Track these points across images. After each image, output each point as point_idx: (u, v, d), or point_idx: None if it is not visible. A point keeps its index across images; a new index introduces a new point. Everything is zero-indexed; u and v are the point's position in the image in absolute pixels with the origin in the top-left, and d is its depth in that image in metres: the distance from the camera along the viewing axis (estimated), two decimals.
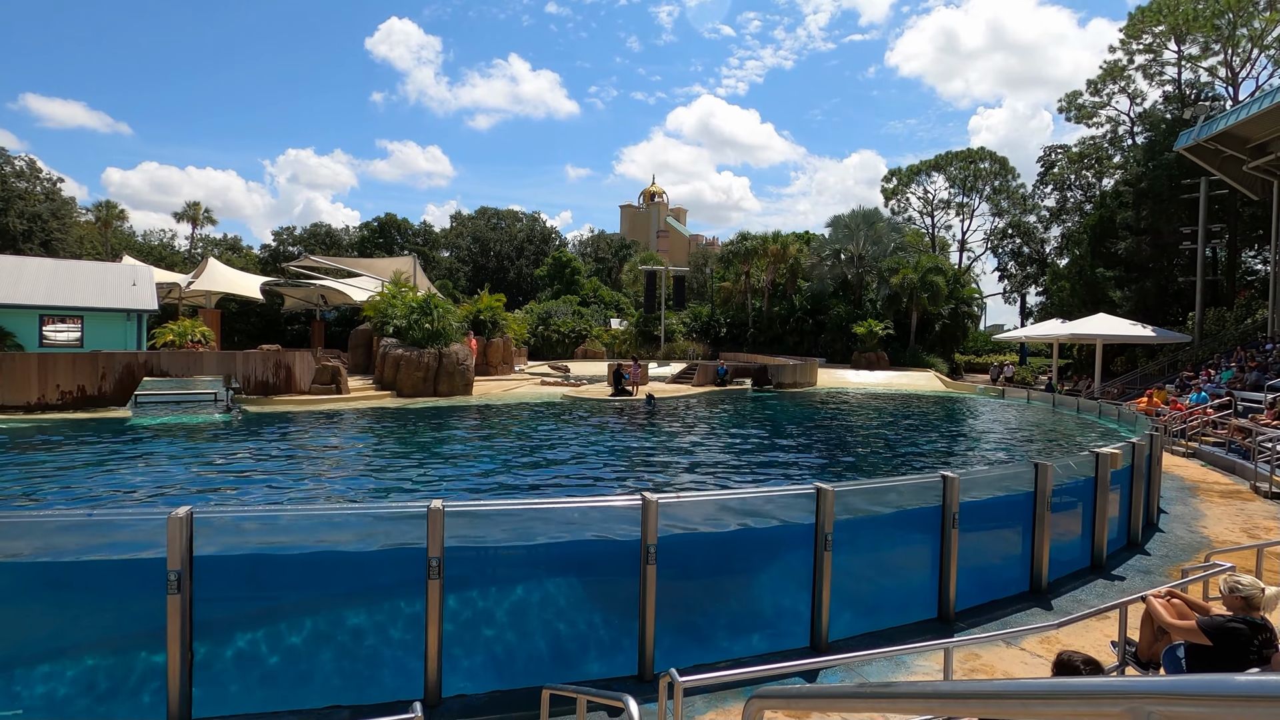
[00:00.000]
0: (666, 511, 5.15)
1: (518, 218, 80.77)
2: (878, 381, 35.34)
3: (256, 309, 50.03)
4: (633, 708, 2.90)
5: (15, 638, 4.34)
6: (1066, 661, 3.30)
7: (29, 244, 48.40)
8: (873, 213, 49.69)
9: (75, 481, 11.03)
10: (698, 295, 66.44)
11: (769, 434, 18.26)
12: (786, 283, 50.24)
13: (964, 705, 2.01)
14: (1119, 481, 8.50)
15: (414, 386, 24.35)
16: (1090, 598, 6.99)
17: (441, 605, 4.61)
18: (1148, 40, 38.47)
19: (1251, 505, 11.35)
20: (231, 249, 66.73)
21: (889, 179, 62.83)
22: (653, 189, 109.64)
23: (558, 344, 48.49)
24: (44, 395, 18.56)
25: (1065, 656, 3.33)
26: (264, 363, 22.07)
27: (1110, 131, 45.53)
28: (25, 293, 25.63)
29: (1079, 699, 1.32)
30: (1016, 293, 60.06)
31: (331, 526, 5.01)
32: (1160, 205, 33.15)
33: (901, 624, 6.13)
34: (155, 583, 4.22)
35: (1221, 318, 29.15)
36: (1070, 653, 3.37)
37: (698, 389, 30.17)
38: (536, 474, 12.49)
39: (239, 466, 12.75)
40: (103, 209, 61.53)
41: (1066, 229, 50.53)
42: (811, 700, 3.24)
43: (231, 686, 4.48)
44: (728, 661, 5.30)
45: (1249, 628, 3.80)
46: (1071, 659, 3.30)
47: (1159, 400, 21.35)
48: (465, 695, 4.75)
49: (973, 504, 6.58)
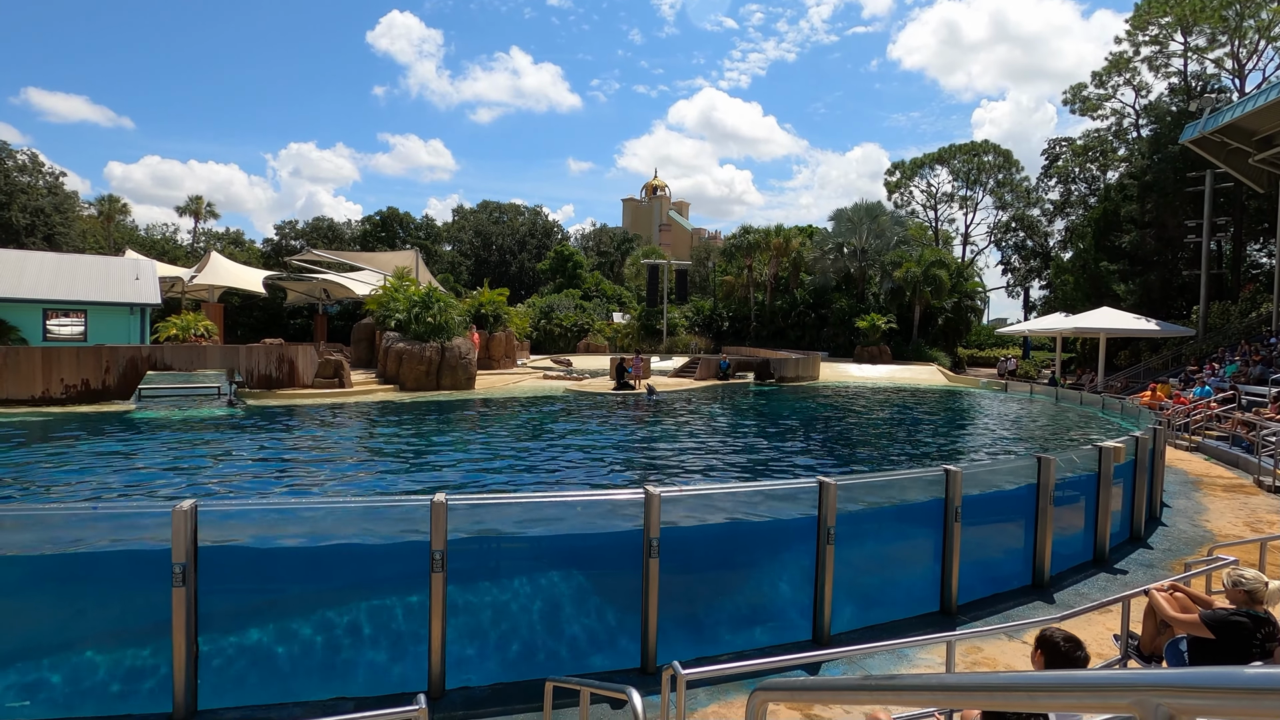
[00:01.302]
0: (669, 505, 5.15)
1: (520, 211, 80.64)
2: (880, 375, 35.30)
3: (259, 303, 50.11)
4: (635, 700, 2.90)
5: (22, 631, 4.37)
6: (1048, 638, 3.31)
7: (32, 238, 48.44)
8: (876, 206, 49.50)
9: (79, 475, 11.07)
10: (700, 289, 66.37)
11: (771, 428, 18.26)
12: (789, 277, 50.12)
13: (967, 697, 2.01)
14: (1122, 475, 8.49)
15: (417, 380, 24.37)
16: (1093, 591, 6.99)
17: (445, 598, 4.62)
18: (1154, 32, 38.18)
19: (1255, 499, 11.33)
20: (234, 243, 66.71)
21: (892, 172, 62.60)
22: (655, 183, 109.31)
23: (560, 338, 48.48)
24: (48, 389, 18.61)
25: (1047, 633, 3.35)
26: (267, 356, 22.10)
27: (1115, 124, 45.25)
28: (29, 287, 25.68)
29: (1086, 691, 1.31)
30: (1020, 286, 59.89)
31: (335, 519, 5.03)
32: (1165, 198, 32.96)
33: (904, 617, 6.14)
34: (160, 575, 4.23)
35: (1226, 311, 29.02)
36: (1051, 629, 3.39)
37: (700, 383, 30.17)
38: (539, 467, 12.50)
39: (242, 460, 12.78)
40: (105, 203, 61.51)
41: (1070, 222, 50.31)
42: (814, 693, 3.24)
43: (236, 678, 4.50)
44: (730, 654, 5.31)
45: (1252, 621, 3.80)
46: (1053, 635, 3.31)
47: (1163, 394, 21.30)
48: (469, 687, 4.77)
49: (975, 497, 6.58)
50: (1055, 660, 3.26)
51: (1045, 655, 3.30)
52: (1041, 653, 3.32)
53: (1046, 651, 3.30)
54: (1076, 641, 3.27)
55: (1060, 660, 3.25)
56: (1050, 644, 3.28)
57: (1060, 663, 3.25)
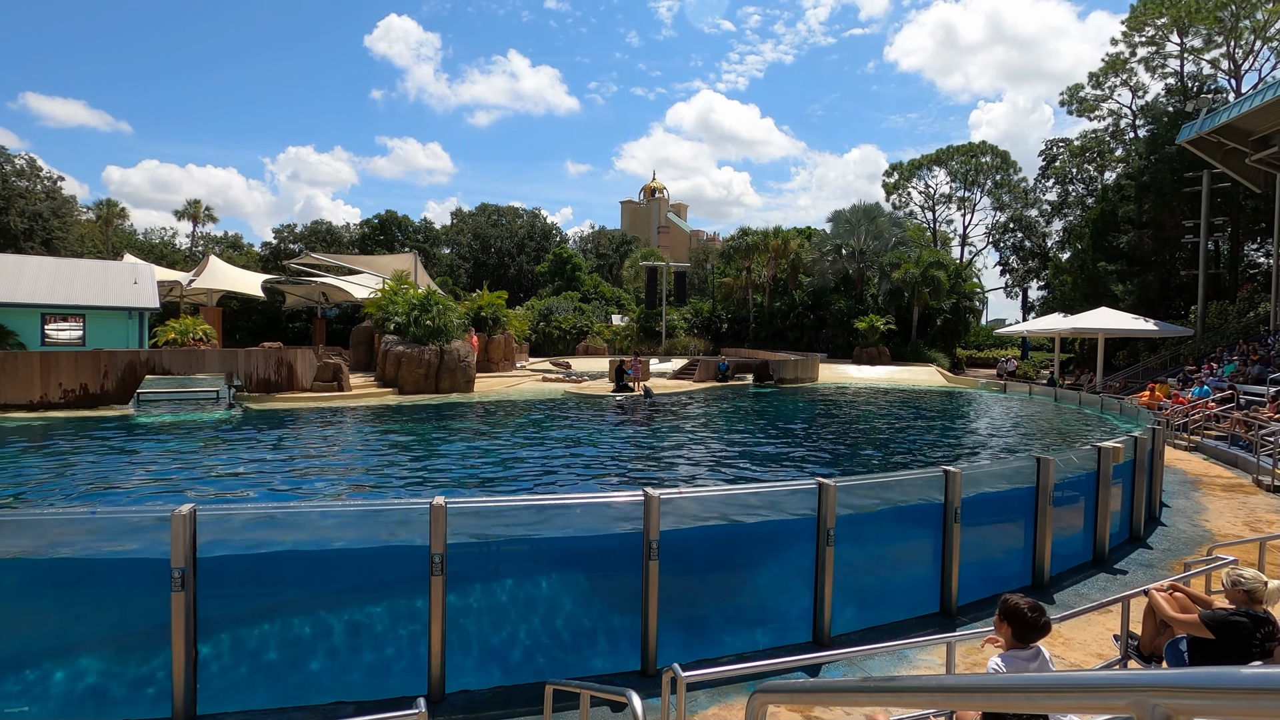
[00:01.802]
0: (668, 507, 5.15)
1: (518, 214, 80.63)
2: (879, 377, 35.31)
3: (258, 307, 50.03)
4: (636, 702, 2.90)
5: (21, 635, 4.36)
6: (1014, 608, 3.26)
7: (30, 243, 48.39)
8: (874, 207, 49.53)
9: (78, 479, 11.05)
10: (699, 291, 66.37)
11: (770, 429, 18.26)
12: (788, 278, 50.14)
13: (967, 699, 2.01)
14: (1121, 475, 8.49)
15: (416, 383, 24.36)
16: (1092, 591, 6.99)
17: (444, 601, 4.62)
18: (1150, 33, 38.28)
19: (1254, 499, 11.34)
20: (232, 246, 66.67)
21: (890, 173, 62.69)
22: (653, 185, 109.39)
23: (559, 340, 48.46)
24: (47, 394, 18.59)
25: (1011, 602, 3.29)
26: (266, 360, 22.09)
27: (1112, 125, 45.35)
28: (27, 291, 25.63)
29: (1084, 692, 1.31)
30: (1018, 287, 59.94)
31: (334, 523, 5.02)
32: (1162, 199, 33.02)
33: (904, 618, 6.14)
34: (159, 580, 4.23)
35: (1224, 311, 29.05)
36: (1013, 597, 3.33)
37: (699, 384, 30.17)
38: (538, 470, 12.50)
39: (241, 464, 12.77)
40: (103, 207, 61.45)
41: (1068, 223, 50.40)
42: (814, 694, 3.25)
43: (236, 683, 4.49)
44: (731, 656, 5.30)
45: (1251, 621, 3.80)
46: (1017, 604, 3.26)
47: (1161, 394, 21.32)
48: (469, 691, 4.76)
49: (975, 498, 6.58)
50: (1022, 629, 3.24)
51: (1012, 625, 3.26)
52: (1007, 624, 3.28)
53: (1013, 621, 3.26)
54: (1041, 608, 3.27)
55: (1027, 628, 3.24)
56: (1016, 614, 3.25)
57: (1026, 631, 3.24)
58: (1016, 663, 3.23)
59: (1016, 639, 3.28)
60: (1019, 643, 3.28)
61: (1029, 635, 3.26)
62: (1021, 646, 3.28)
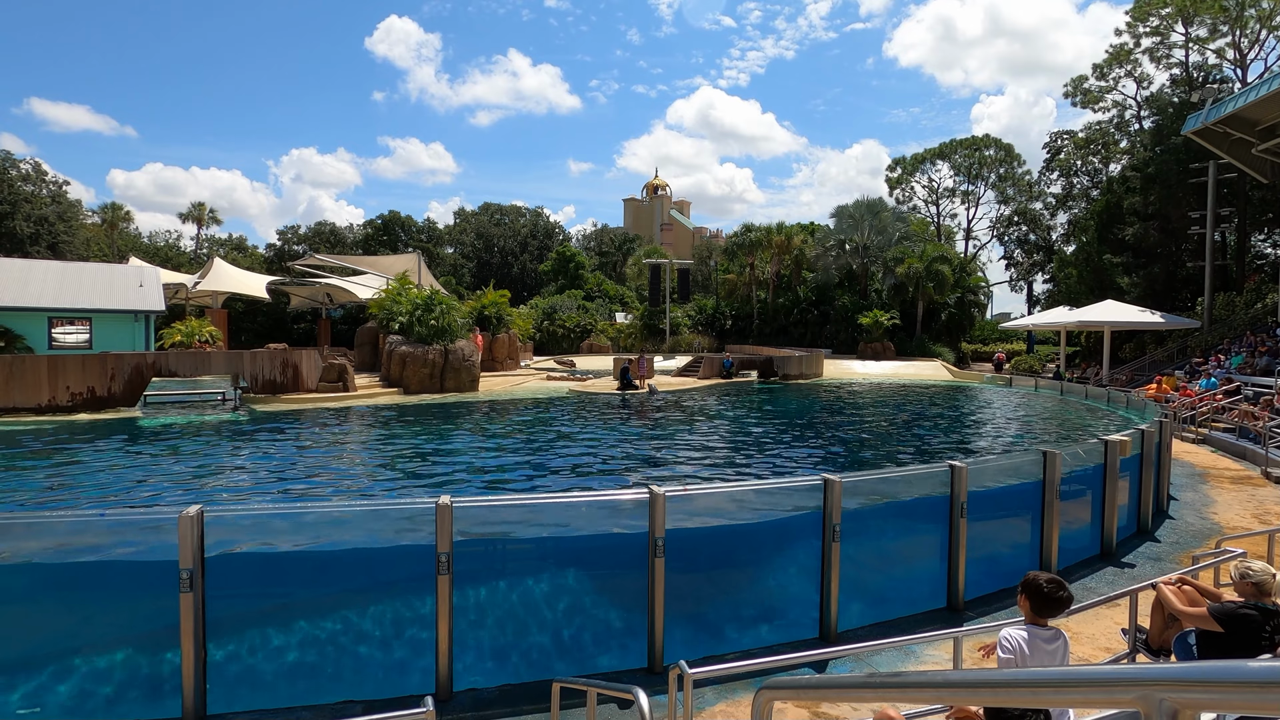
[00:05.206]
0: (674, 504, 5.15)
1: (521, 213, 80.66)
2: (884, 372, 35.23)
3: (263, 308, 50.22)
4: (642, 700, 2.91)
5: (31, 637, 4.39)
6: (1031, 582, 3.37)
7: (36, 247, 48.62)
8: (877, 202, 49.39)
9: (87, 482, 11.12)
10: (702, 288, 66.31)
11: (776, 426, 18.24)
12: (791, 274, 50.05)
13: (974, 694, 2.01)
14: (1128, 469, 8.46)
15: (420, 383, 24.42)
16: (1100, 585, 6.97)
17: (451, 600, 4.63)
18: (1154, 23, 38.05)
19: (1262, 491, 11.28)
20: (237, 249, 66.84)
21: (893, 168, 62.55)
22: (655, 182, 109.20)
23: (563, 339, 48.49)
24: (54, 396, 18.70)
25: (1030, 577, 3.41)
26: (271, 361, 22.16)
27: (1117, 116, 45.09)
28: (34, 295, 25.79)
29: (1091, 686, 1.31)
30: (1023, 280, 59.75)
31: (341, 523, 5.04)
32: (1168, 190, 32.81)
33: (911, 614, 6.13)
34: (167, 581, 4.25)
35: (1231, 302, 28.87)
36: (1034, 574, 3.45)
37: (704, 381, 30.15)
38: (544, 468, 12.51)
39: (248, 465, 12.82)
40: (109, 211, 61.71)
41: (1073, 215, 50.16)
42: (821, 690, 3.24)
43: (244, 683, 4.52)
44: (737, 653, 5.31)
45: (1260, 614, 3.78)
46: (1036, 579, 3.37)
47: (1168, 386, 21.21)
48: (476, 689, 4.78)
49: (981, 493, 6.56)
50: (1040, 603, 3.32)
51: (1031, 599, 3.36)
52: (1026, 597, 3.39)
53: (1031, 595, 3.36)
54: (1059, 582, 3.35)
55: (1044, 602, 3.31)
56: (1034, 587, 3.35)
57: (1044, 605, 3.32)
58: (1035, 641, 3.26)
59: (1035, 613, 3.35)
60: (1039, 618, 3.34)
61: (1047, 609, 3.32)
62: (1041, 624, 3.32)
